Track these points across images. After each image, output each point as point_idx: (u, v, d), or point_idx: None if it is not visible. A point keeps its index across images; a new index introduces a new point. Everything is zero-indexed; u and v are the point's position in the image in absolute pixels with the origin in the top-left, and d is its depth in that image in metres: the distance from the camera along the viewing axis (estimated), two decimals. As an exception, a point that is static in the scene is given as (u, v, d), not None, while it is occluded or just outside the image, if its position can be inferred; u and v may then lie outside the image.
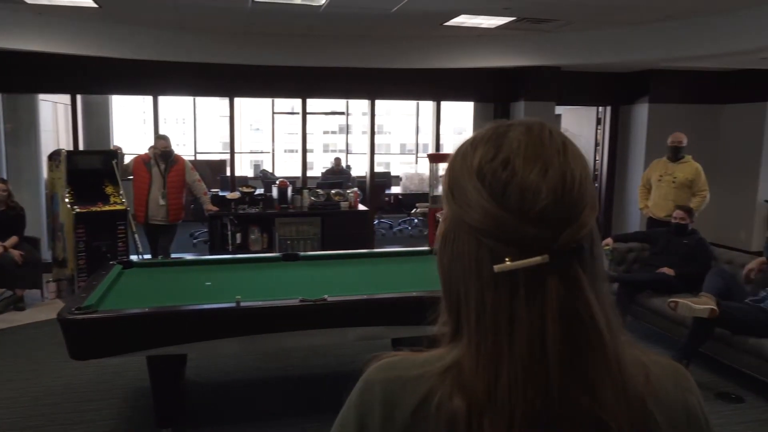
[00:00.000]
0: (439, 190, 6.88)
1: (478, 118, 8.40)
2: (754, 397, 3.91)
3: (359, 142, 18.63)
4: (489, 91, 8.11)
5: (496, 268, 0.65)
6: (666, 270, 4.93)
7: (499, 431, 0.64)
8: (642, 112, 8.26)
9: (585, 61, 7.22)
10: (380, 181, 9.52)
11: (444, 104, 8.53)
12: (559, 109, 8.89)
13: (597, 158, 8.90)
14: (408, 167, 14.02)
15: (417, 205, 6.76)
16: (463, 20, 5.85)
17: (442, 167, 7.18)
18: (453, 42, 7.14)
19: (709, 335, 4.08)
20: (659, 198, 5.92)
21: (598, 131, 8.87)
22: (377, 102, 8.11)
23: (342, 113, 12.43)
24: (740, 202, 8.07)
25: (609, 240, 5.42)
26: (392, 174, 11.28)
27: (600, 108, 8.77)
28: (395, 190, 10.29)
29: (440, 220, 0.78)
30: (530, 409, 0.63)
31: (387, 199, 9.65)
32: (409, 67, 7.40)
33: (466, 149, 0.72)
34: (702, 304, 3.98)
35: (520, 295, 0.65)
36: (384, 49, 7.17)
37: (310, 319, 3.21)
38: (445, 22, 5.94)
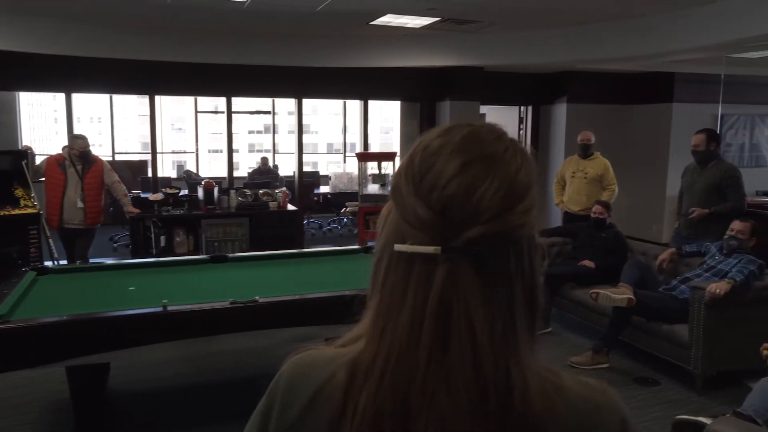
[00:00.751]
0: (369, 189, 6.91)
1: (405, 118, 8.49)
2: (668, 380, 4.15)
3: (286, 141, 18.42)
4: (415, 90, 8.21)
5: (396, 246, 0.67)
6: (587, 263, 5.16)
7: (369, 402, 0.64)
8: (561, 111, 8.62)
9: (507, 62, 7.44)
10: (309, 180, 9.45)
11: (371, 103, 8.57)
12: (483, 109, 9.12)
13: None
14: (335, 167, 13.98)
15: (347, 204, 6.75)
16: (389, 20, 5.90)
17: (371, 166, 7.24)
18: (380, 41, 7.18)
19: (627, 323, 4.30)
20: (573, 193, 6.20)
21: (521, 130, 9.17)
22: (304, 101, 8.04)
23: (268, 112, 12.23)
24: (651, 197, 8.55)
25: (533, 235, 5.60)
26: (321, 173, 11.22)
27: (522, 108, 9.07)
28: (324, 189, 10.24)
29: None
30: (396, 388, 0.64)
31: (316, 198, 9.58)
32: (336, 66, 7.38)
33: (424, 141, 0.73)
34: (620, 294, 4.19)
35: (412, 278, 0.66)
36: (311, 48, 7.12)
37: (242, 321, 3.15)
38: (372, 21, 5.96)
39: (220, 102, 9.13)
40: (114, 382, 3.90)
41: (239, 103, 10.02)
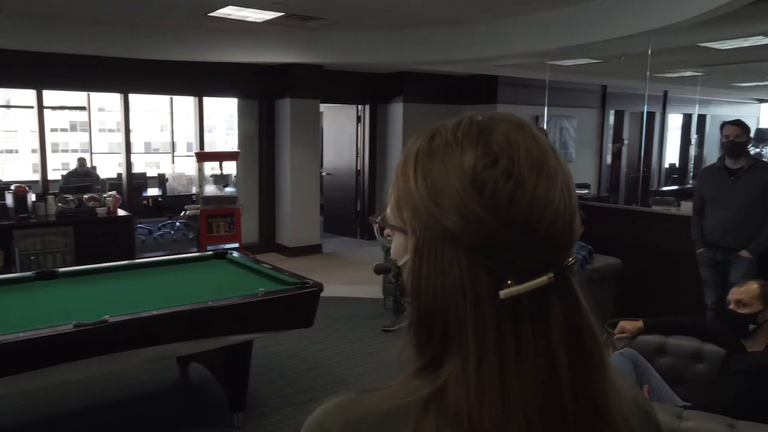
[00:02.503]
0: (210, 190, 6.51)
1: (243, 117, 8.15)
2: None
3: (98, 140, 16.76)
4: (254, 87, 7.92)
5: (503, 293, 0.57)
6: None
7: None
8: (397, 110, 8.88)
9: (347, 61, 7.46)
10: (137, 182, 8.68)
11: (188, 100, 8.02)
12: (322, 107, 9.08)
13: (359, 154, 9.32)
14: (155, 168, 13.02)
15: (186, 207, 6.29)
16: (230, 12, 5.59)
17: (211, 166, 6.84)
18: (216, 35, 6.80)
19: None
20: None
21: (359, 128, 9.29)
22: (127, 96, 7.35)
23: (83, 108, 11.04)
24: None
25: (388, 231, 5.69)
26: (148, 174, 10.39)
27: (359, 106, 9.19)
28: (152, 192, 9.49)
29: (394, 225, 0.68)
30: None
31: (145, 202, 8.84)
32: (168, 59, 6.84)
33: (446, 146, 0.62)
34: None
35: (525, 320, 0.58)
36: (140, 38, 6.51)
37: (90, 346, 2.75)
38: (211, 12, 5.61)
39: (13, 94, 7.97)
40: None
41: (50, 96, 8.84)
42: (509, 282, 0.57)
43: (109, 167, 12.94)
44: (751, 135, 4.19)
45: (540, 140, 0.62)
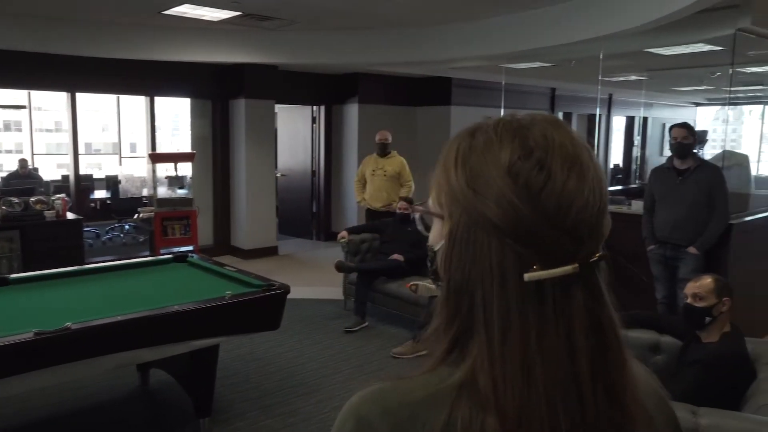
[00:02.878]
0: (162, 192, 6.36)
1: (195, 117, 8.00)
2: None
3: (36, 140, 16.04)
4: (208, 87, 7.79)
5: (527, 276, 0.61)
6: (396, 257, 5.40)
7: None
8: (353, 111, 8.89)
9: (302, 61, 7.42)
10: (85, 184, 8.39)
11: (124, 99, 7.82)
12: (276, 108, 9.00)
13: (314, 155, 9.29)
14: (93, 169, 12.58)
15: (139, 210, 6.12)
16: (186, 10, 5.48)
17: (165, 167, 6.67)
18: (170, 33, 6.65)
19: (442, 310, 4.60)
20: (374, 190, 6.45)
21: (314, 129, 9.26)
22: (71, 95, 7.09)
23: (23, 107, 10.58)
24: (436, 192, 9.27)
25: (344, 233, 5.71)
26: (95, 176, 10.05)
27: (314, 107, 9.15)
28: (99, 194, 9.19)
29: (434, 212, 0.71)
30: (567, 426, 0.60)
31: (93, 205, 8.55)
32: (118, 57, 6.64)
33: (486, 141, 0.66)
34: (435, 285, 4.46)
35: (548, 305, 0.61)
36: (90, 35, 6.29)
37: (51, 355, 2.66)
38: (166, 10, 5.48)
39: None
40: None
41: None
42: (534, 267, 0.61)
43: (49, 169, 12.44)
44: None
45: (576, 139, 0.66)
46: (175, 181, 6.15)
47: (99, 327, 2.78)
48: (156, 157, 6.28)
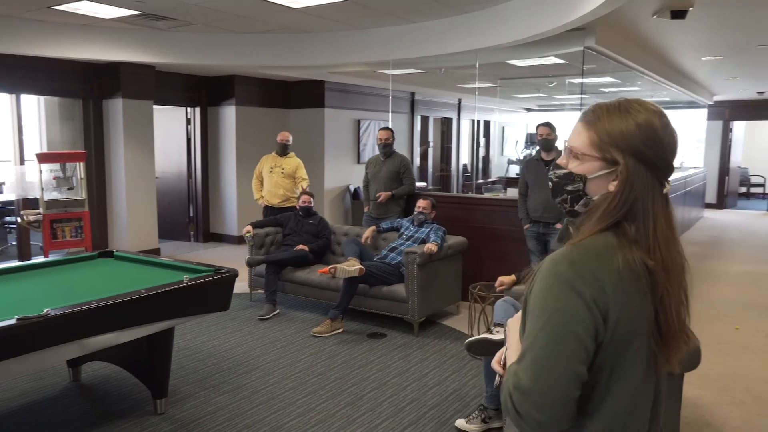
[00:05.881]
0: (47, 194, 6.08)
1: (65, 118, 7.63)
2: (392, 331, 5.11)
3: None
4: (79, 86, 7.48)
5: (665, 191, 1.18)
6: (301, 247, 5.78)
7: (662, 280, 1.15)
8: (230, 113, 9.01)
9: (180, 62, 7.37)
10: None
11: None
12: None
13: (191, 157, 9.24)
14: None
15: (23, 213, 5.77)
16: (78, 7, 5.37)
17: (47, 168, 6.33)
18: (39, 28, 6.33)
19: (355, 291, 5.09)
20: (272, 187, 6.74)
21: (189, 131, 9.21)
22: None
23: None
24: (315, 188, 9.68)
25: (249, 227, 5.95)
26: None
27: (189, 108, 9.12)
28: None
29: (587, 154, 1.20)
30: (686, 267, 1.19)
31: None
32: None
33: (629, 108, 1.18)
34: (352, 266, 4.94)
35: (669, 205, 1.19)
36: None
37: (31, 340, 2.73)
38: (56, 5, 5.32)
39: None
40: None
41: None
42: (666, 185, 1.18)
43: None
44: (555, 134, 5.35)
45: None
46: (63, 182, 5.92)
47: (75, 313, 2.87)
48: (44, 157, 5.99)
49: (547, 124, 5.24)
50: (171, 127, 9.25)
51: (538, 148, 5.46)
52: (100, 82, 7.60)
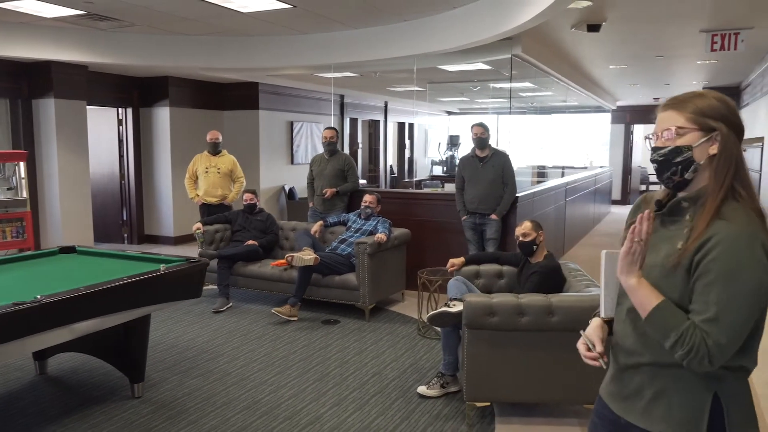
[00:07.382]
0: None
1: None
2: (345, 317, 5.43)
3: None
4: (5, 84, 7.28)
5: (746, 157, 1.54)
6: (251, 242, 5.99)
7: None
8: (163, 114, 9.00)
9: (113, 62, 7.32)
10: None
11: None
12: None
13: (123, 159, 9.14)
14: None
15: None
16: (20, 5, 5.33)
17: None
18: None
19: (310, 279, 5.38)
20: (209, 186, 6.87)
21: (120, 132, 9.11)
22: None
23: None
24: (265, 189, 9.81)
25: (199, 224, 6.09)
26: None
27: (120, 109, 9.02)
28: None
29: (688, 127, 1.48)
30: None
31: None
32: None
33: (722, 97, 1.48)
34: (308, 256, 5.24)
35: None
36: None
37: (26, 324, 2.86)
38: (3, 3, 5.26)
39: None
40: None
41: None
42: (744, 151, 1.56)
43: None
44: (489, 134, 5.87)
45: None
46: (3, 182, 5.81)
47: (67, 299, 3.02)
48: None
49: (481, 125, 5.75)
50: (101, 128, 9.11)
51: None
52: (30, 82, 7.44)
